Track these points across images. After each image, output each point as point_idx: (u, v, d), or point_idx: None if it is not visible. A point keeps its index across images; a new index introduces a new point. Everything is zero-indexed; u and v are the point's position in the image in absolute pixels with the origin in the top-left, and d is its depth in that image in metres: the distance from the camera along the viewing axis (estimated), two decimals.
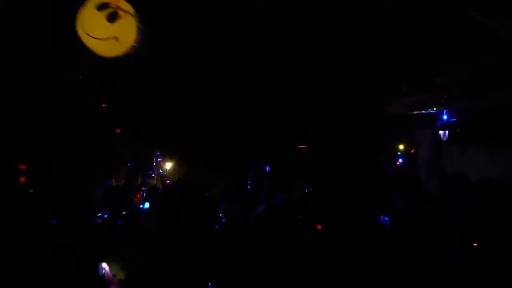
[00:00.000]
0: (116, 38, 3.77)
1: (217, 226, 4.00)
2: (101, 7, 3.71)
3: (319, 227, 3.98)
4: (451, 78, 5.58)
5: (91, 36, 3.76)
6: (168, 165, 7.51)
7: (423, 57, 5.88)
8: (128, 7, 3.80)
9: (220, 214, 4.39)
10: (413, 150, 7.15)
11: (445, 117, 6.63)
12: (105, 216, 4.40)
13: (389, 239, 3.98)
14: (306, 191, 5.50)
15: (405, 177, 6.72)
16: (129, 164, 5.93)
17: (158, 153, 6.66)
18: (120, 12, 3.75)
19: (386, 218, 4.35)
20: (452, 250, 3.82)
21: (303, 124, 7.04)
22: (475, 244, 4.33)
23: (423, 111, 6.63)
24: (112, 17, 3.74)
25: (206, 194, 2.90)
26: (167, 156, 7.52)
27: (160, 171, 6.71)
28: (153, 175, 6.45)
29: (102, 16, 3.71)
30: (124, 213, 4.67)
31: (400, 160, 7.08)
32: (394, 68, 6.26)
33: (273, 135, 7.29)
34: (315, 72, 6.58)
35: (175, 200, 2.83)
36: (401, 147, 7.13)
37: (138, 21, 3.91)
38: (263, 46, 6.33)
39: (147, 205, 5.51)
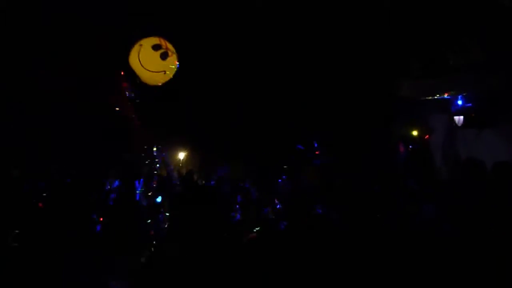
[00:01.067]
0: (164, 72, 4.69)
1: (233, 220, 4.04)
2: (155, 47, 4.61)
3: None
4: (464, 60, 5.46)
5: (147, 70, 4.62)
6: (181, 155, 7.56)
7: (437, 39, 5.77)
8: (172, 48, 4.75)
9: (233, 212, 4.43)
10: (427, 136, 7.05)
11: (459, 102, 6.52)
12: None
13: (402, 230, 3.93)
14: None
15: (419, 162, 6.65)
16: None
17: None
18: (169, 52, 4.67)
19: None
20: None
21: (315, 111, 7.02)
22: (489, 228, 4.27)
23: (437, 97, 6.52)
24: (164, 56, 4.64)
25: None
26: (180, 146, 7.59)
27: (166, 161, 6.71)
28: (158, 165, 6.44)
29: (156, 54, 4.61)
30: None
31: (414, 146, 7.00)
32: (406, 52, 6.17)
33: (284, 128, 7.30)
34: (326, 57, 6.54)
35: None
36: (415, 132, 7.03)
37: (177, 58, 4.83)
38: (271, 43, 6.38)
39: (159, 199, 5.51)
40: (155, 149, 6.24)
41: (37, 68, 5.44)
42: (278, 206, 4.23)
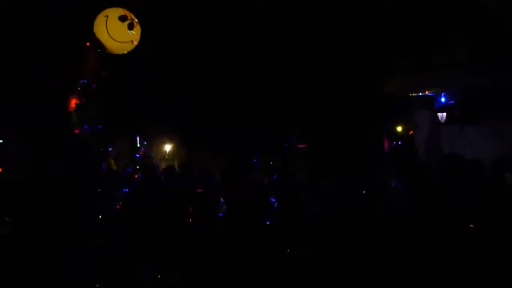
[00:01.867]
0: (132, 42, 4.95)
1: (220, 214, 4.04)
2: (121, 18, 4.85)
3: None
4: (448, 58, 5.58)
5: (116, 40, 4.87)
6: (168, 147, 7.55)
7: (420, 38, 5.88)
8: (135, 18, 4.96)
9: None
10: (411, 132, 7.18)
11: (442, 99, 6.66)
12: None
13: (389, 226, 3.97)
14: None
15: (403, 158, 6.77)
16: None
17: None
18: (134, 22, 4.90)
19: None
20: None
21: (300, 108, 7.08)
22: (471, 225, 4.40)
23: (421, 93, 6.65)
24: (131, 26, 4.87)
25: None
26: (166, 137, 7.57)
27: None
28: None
29: (123, 25, 4.85)
30: None
31: (399, 142, 7.12)
32: (391, 49, 6.27)
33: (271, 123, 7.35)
34: (313, 54, 6.60)
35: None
36: (400, 128, 7.15)
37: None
38: (266, 40, 6.44)
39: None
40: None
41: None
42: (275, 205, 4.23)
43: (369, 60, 6.29)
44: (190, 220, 3.63)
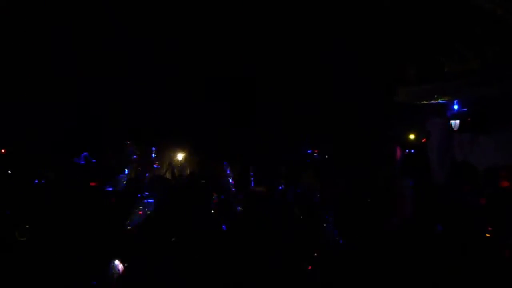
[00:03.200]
0: None
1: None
2: None
3: None
4: (460, 67, 5.59)
5: None
6: (180, 156, 7.63)
7: (432, 47, 5.90)
8: None
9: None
10: (424, 140, 7.17)
11: (455, 107, 6.64)
12: None
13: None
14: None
15: (415, 166, 6.77)
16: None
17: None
18: None
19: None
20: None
21: (311, 116, 7.13)
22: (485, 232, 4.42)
23: (433, 101, 6.65)
24: None
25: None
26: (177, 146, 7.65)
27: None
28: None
29: None
30: None
31: (411, 150, 7.11)
32: (403, 58, 6.30)
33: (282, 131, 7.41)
34: (323, 61, 6.66)
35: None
36: (412, 136, 7.15)
37: None
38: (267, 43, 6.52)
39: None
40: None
41: None
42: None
43: (381, 69, 6.33)
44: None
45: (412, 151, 7.08)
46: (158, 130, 7.00)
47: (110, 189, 5.05)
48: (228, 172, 5.98)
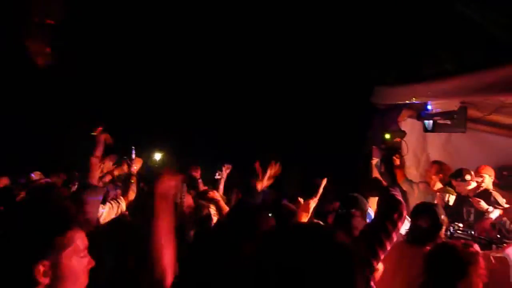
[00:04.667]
0: None
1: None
2: None
3: None
4: (437, 69, 5.70)
5: None
6: (158, 156, 7.47)
7: (408, 49, 5.99)
8: None
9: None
10: (398, 139, 7.29)
11: (429, 107, 6.78)
12: None
13: None
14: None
15: (390, 165, 6.89)
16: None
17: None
18: None
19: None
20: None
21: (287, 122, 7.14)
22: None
23: (408, 102, 6.76)
24: None
25: None
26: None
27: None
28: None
29: None
30: None
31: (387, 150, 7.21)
32: (379, 60, 6.38)
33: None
34: (302, 63, 6.68)
35: None
36: (387, 136, 7.25)
37: None
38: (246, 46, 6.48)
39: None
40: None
41: None
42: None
43: (359, 71, 6.39)
44: None
45: (388, 151, 7.18)
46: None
47: None
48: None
